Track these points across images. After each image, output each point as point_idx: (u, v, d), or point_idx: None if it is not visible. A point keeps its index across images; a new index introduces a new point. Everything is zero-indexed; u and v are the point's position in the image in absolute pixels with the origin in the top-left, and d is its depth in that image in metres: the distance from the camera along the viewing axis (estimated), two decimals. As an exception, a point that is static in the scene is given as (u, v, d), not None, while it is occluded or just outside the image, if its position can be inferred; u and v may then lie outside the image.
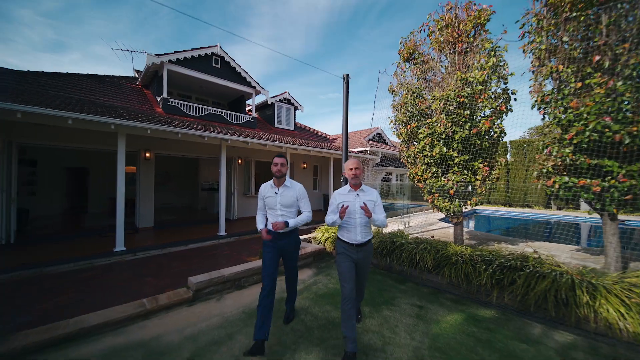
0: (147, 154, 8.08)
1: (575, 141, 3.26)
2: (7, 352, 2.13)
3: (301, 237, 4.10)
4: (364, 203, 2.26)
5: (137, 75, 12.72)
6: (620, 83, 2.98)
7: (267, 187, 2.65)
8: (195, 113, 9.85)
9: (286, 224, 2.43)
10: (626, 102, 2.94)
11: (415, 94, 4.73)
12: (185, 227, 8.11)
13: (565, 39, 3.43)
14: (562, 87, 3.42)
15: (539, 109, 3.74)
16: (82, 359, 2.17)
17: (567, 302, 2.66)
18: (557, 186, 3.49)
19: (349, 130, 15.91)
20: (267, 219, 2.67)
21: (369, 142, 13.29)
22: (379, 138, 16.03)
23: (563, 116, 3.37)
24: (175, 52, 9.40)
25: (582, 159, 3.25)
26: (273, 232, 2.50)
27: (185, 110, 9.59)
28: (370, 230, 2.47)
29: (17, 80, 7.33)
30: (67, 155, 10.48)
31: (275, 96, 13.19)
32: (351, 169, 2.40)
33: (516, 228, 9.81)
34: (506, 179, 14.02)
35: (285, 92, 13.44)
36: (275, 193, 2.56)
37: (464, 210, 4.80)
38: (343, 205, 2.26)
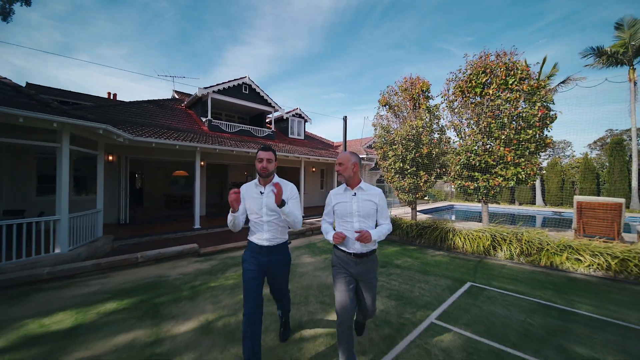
0: (202, 163, 11.36)
1: (461, 161, 6.45)
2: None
3: (309, 220, 7.31)
4: (362, 230, 1.85)
5: (176, 96, 16.16)
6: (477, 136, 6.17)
7: (249, 187, 2.17)
8: (230, 130, 13.13)
9: (283, 202, 1.92)
10: (476, 147, 6.13)
11: (385, 130, 7.94)
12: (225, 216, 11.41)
13: (457, 105, 6.63)
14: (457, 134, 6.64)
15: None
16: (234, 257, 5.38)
17: (444, 239, 5.88)
18: (455, 185, 6.69)
19: (351, 138, 19.17)
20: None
21: (367, 150, 16.48)
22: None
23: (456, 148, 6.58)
24: (217, 84, 12.69)
25: (464, 171, 6.45)
26: (255, 247, 2.11)
27: (223, 128, 12.88)
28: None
29: (111, 111, 10.62)
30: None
31: (289, 112, 16.45)
32: (339, 165, 2.07)
33: (474, 216, 12.96)
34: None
35: (297, 108, 16.70)
36: (261, 193, 2.10)
37: (437, 205, 8.02)
38: (340, 234, 1.88)
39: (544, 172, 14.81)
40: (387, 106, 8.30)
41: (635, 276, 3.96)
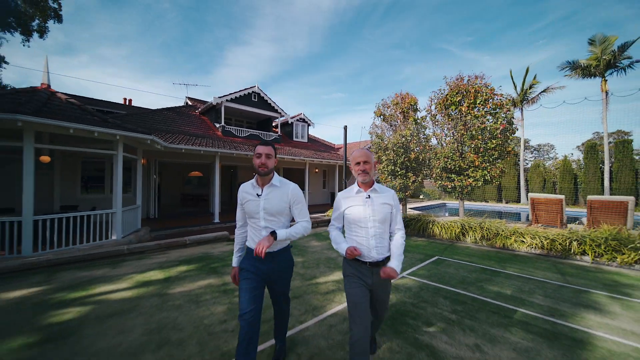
0: (219, 165, 12.79)
1: (440, 165, 7.89)
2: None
3: (313, 216, 8.77)
4: (392, 270, 1.68)
5: (189, 102, 17.61)
6: (453, 145, 7.61)
7: (246, 188, 1.94)
8: (241, 134, 14.58)
9: (273, 235, 1.74)
10: (452, 154, 7.57)
11: (380, 138, 9.38)
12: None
13: (440, 119, 8.07)
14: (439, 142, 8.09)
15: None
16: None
17: (425, 228, 7.32)
18: (437, 185, 8.13)
19: (351, 141, 20.62)
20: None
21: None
22: (374, 147, 20.67)
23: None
24: (230, 93, 14.15)
25: (443, 173, 7.89)
26: (251, 257, 1.87)
27: (235, 133, 14.33)
28: (388, 242, 1.88)
29: (140, 119, 12.06)
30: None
31: (294, 116, 17.88)
32: (358, 164, 1.85)
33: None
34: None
35: (301, 113, 18.13)
36: (258, 195, 1.86)
37: (431, 203, 9.45)
38: (354, 251, 1.71)
39: (505, 174, 16.27)
40: (382, 117, 9.75)
41: (560, 252, 5.39)
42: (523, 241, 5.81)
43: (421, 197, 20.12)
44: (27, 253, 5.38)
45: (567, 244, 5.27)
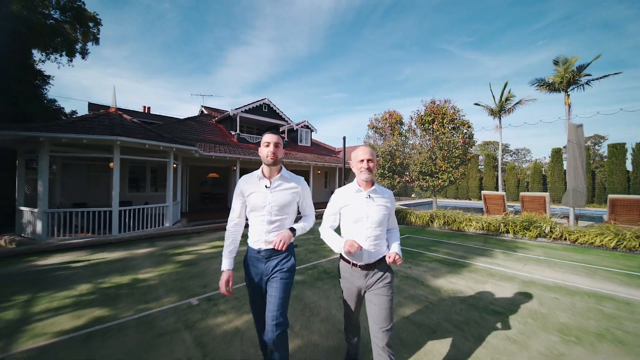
0: (234, 168, 15.15)
1: (417, 169, 10.26)
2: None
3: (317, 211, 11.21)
4: (396, 255, 1.65)
5: (204, 111, 19.95)
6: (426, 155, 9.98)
7: (251, 179, 1.80)
8: (253, 141, 16.94)
9: (292, 230, 1.70)
10: (426, 160, 9.93)
11: (372, 147, 11.74)
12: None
13: (419, 133, 10.45)
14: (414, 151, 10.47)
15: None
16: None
17: (405, 217, 9.69)
18: (415, 185, 10.51)
19: (350, 145, 22.88)
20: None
21: (362, 155, 20.34)
22: (370, 151, 23.08)
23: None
24: (244, 105, 16.51)
25: (419, 175, 10.27)
26: (254, 253, 1.79)
27: (248, 140, 16.69)
28: (384, 243, 1.84)
29: (170, 129, 14.39)
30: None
31: (299, 123, 20.24)
32: (362, 161, 1.78)
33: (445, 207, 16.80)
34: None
35: (305, 121, 20.50)
36: (266, 187, 1.75)
37: (421, 200, 11.86)
38: (355, 245, 1.62)
39: (465, 176, 18.73)
40: (374, 129, 12.13)
41: (493, 231, 7.74)
42: (471, 225, 8.18)
43: (413, 195, 22.48)
44: (115, 233, 7.74)
45: (498, 225, 7.64)
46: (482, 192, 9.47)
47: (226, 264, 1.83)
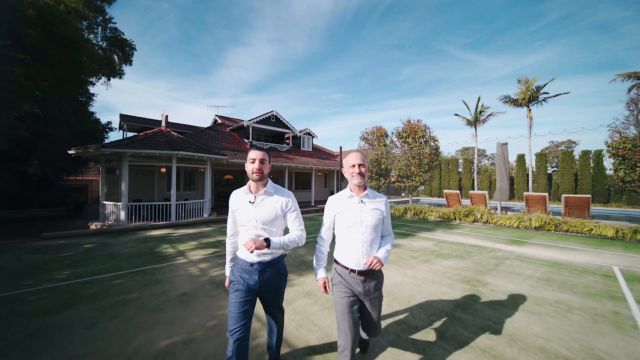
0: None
1: (397, 173, 13.41)
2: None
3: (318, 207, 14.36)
4: (374, 258, 1.71)
5: (218, 120, 23.09)
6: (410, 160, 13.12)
7: (238, 195, 1.92)
8: (263, 148, 20.07)
9: (267, 241, 1.70)
10: (403, 167, 13.10)
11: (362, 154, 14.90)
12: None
13: (403, 143, 13.61)
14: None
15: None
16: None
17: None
18: (396, 185, 13.66)
19: (346, 149, 25.90)
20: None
21: (357, 159, 23.52)
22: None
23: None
24: (256, 117, 19.64)
25: (399, 178, 13.42)
26: (244, 265, 1.85)
27: (259, 147, 19.81)
28: (379, 248, 1.88)
29: (195, 138, 17.45)
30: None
31: (301, 131, 23.38)
32: (353, 166, 1.84)
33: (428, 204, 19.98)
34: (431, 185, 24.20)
35: (307, 128, 23.65)
36: (250, 202, 1.83)
37: (407, 199, 15.12)
38: (324, 288, 1.84)
39: (432, 179, 22.00)
40: (365, 140, 15.29)
41: (447, 219, 10.88)
42: (432, 214, 11.33)
43: (402, 195, 25.65)
44: (173, 220, 10.82)
45: (450, 214, 10.79)
46: (445, 190, 12.60)
47: (228, 270, 2.05)
